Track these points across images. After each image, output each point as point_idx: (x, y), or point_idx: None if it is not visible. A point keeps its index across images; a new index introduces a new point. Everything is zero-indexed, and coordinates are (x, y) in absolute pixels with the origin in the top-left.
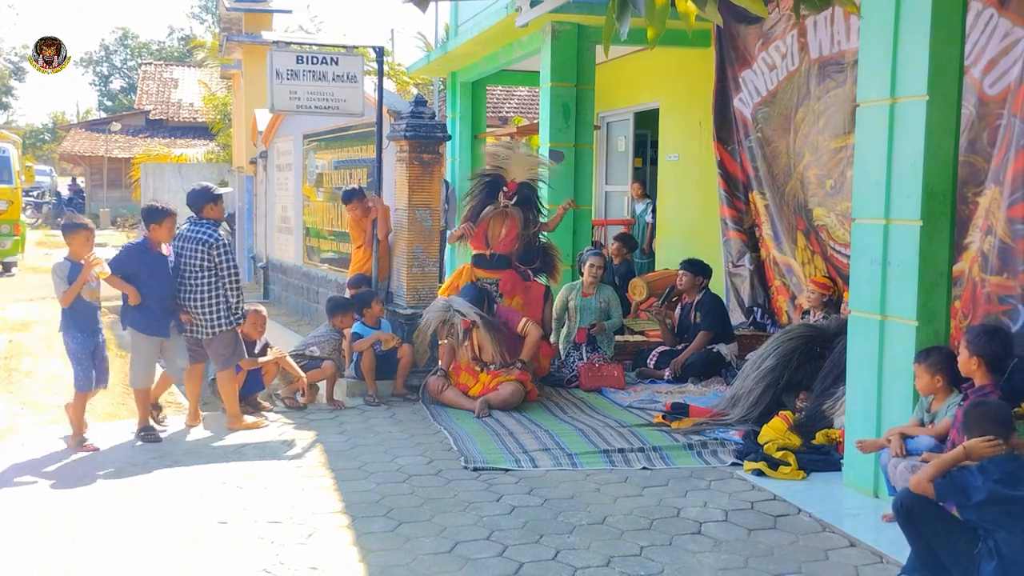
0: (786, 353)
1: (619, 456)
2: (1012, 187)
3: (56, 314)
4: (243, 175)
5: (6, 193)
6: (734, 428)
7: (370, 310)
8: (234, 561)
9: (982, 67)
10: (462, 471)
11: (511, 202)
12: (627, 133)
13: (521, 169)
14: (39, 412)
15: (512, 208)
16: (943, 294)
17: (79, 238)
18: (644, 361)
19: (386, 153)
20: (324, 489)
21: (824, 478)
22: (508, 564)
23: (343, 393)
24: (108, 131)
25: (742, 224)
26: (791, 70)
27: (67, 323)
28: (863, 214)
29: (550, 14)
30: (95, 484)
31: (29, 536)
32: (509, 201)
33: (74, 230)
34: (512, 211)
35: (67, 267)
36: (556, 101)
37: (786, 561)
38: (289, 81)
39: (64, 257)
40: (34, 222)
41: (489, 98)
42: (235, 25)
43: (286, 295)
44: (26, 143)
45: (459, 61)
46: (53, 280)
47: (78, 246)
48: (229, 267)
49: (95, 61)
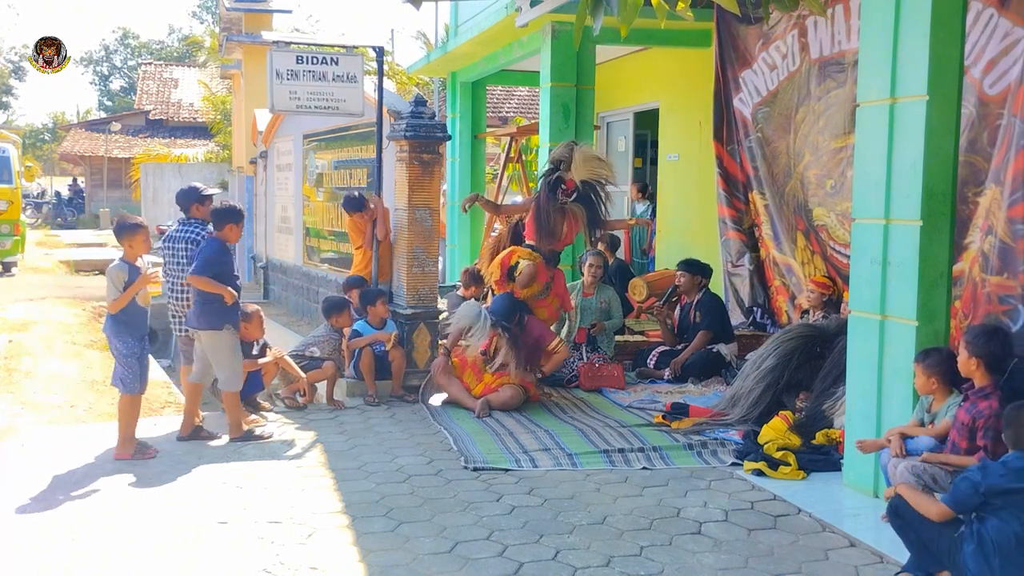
0: (786, 353)
1: (619, 456)
2: (1012, 187)
3: (56, 314)
4: (243, 175)
5: (6, 193)
6: (734, 428)
7: (374, 309)
8: (234, 561)
9: (982, 67)
10: (462, 471)
11: (570, 199)
12: (627, 133)
13: (581, 168)
14: (39, 412)
15: (572, 204)
16: (943, 294)
17: (138, 239)
18: (644, 361)
19: (386, 153)
20: (324, 489)
21: (824, 478)
22: (508, 564)
23: (343, 393)
24: (108, 131)
25: (742, 224)
26: (792, 70)
27: (118, 327)
28: (863, 214)
29: (550, 14)
30: (95, 484)
31: (29, 536)
32: (567, 199)
33: (133, 231)
34: (573, 208)
35: (126, 272)
36: (556, 101)
37: (786, 561)
38: (289, 81)
39: (120, 259)
40: (34, 222)
41: (489, 98)
42: (235, 25)
43: (286, 295)
44: (26, 143)
45: (459, 61)
46: (108, 283)
47: (138, 247)
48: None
49: (95, 61)
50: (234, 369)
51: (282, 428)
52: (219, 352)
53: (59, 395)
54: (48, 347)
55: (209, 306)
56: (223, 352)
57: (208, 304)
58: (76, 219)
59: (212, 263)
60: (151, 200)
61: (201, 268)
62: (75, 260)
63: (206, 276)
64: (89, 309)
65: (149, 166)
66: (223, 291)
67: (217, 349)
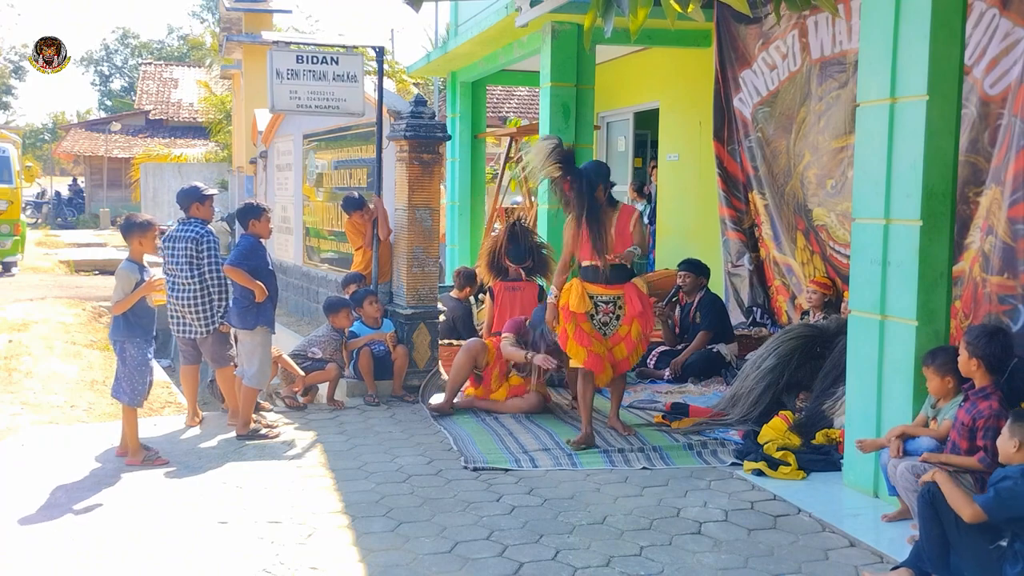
0: (786, 353)
1: (619, 456)
2: (1013, 187)
3: (56, 314)
4: (243, 175)
5: (6, 193)
6: (734, 428)
7: (363, 310)
8: (234, 561)
9: (984, 67)
10: (462, 471)
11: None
12: (627, 133)
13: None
14: (39, 412)
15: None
16: (943, 294)
17: (148, 237)
18: (644, 361)
19: (386, 153)
20: (324, 489)
21: (824, 478)
22: (508, 564)
23: (343, 393)
24: (108, 131)
25: (741, 224)
26: (792, 70)
27: (128, 330)
28: (863, 214)
29: (550, 14)
30: (95, 484)
31: (29, 536)
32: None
33: (143, 229)
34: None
35: (137, 274)
36: (556, 101)
37: (786, 561)
38: (289, 81)
39: (127, 259)
40: (34, 222)
41: (489, 98)
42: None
43: (286, 295)
44: (26, 143)
45: (459, 61)
46: (117, 283)
47: (147, 245)
48: (211, 263)
49: (95, 61)
50: (262, 369)
51: (282, 428)
52: (252, 350)
53: (59, 395)
54: (48, 347)
55: (246, 306)
56: (255, 351)
57: (245, 305)
58: (76, 219)
59: (247, 256)
60: (151, 200)
61: (235, 260)
62: (75, 260)
63: (241, 269)
64: (89, 309)
65: (149, 166)
66: (255, 287)
67: (251, 347)
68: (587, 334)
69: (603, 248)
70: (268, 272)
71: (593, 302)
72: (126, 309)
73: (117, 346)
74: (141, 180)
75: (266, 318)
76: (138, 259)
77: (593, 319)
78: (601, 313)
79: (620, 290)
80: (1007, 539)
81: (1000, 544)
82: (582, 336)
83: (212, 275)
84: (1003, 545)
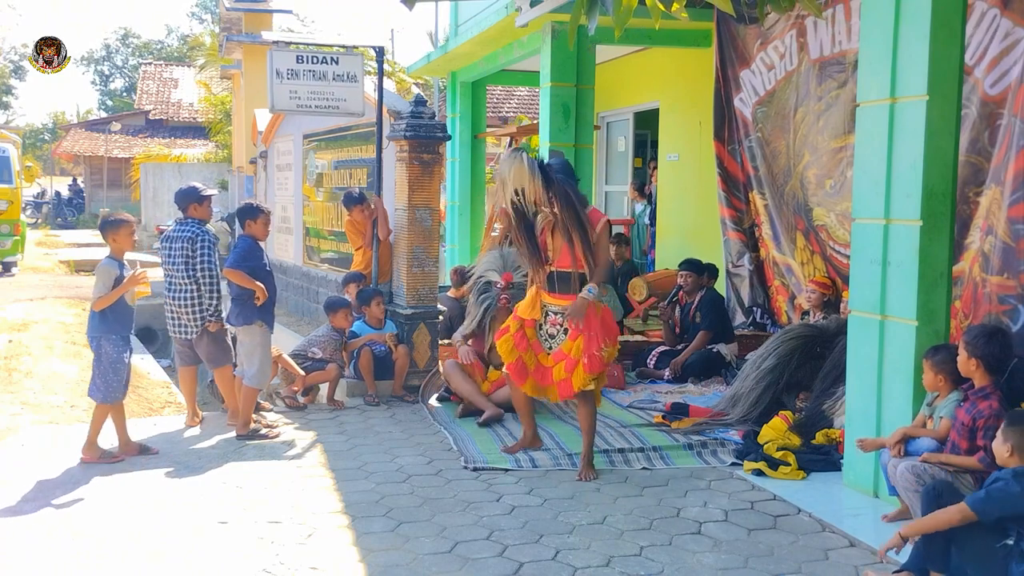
0: (786, 353)
1: (619, 456)
2: (1012, 187)
3: (55, 314)
4: (243, 175)
5: (6, 193)
6: (734, 428)
7: (370, 309)
8: (234, 561)
9: (985, 67)
10: (462, 471)
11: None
12: (627, 133)
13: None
14: (39, 412)
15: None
16: (943, 294)
17: (122, 234)
18: (644, 361)
19: (386, 153)
20: (324, 489)
21: (824, 478)
22: (508, 564)
23: (343, 393)
24: (108, 131)
25: (741, 224)
26: (789, 70)
27: (106, 327)
28: (863, 214)
29: (550, 14)
30: (95, 484)
31: (29, 536)
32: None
33: (117, 226)
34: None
35: (117, 269)
36: (556, 101)
37: (786, 561)
38: (289, 81)
39: (108, 256)
40: (34, 222)
41: (489, 98)
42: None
43: (286, 295)
44: (26, 143)
45: (459, 61)
46: (97, 279)
47: (123, 242)
48: (203, 262)
49: (96, 61)
50: (262, 369)
51: (282, 428)
52: (250, 347)
53: (59, 395)
54: (48, 347)
55: (243, 303)
56: (254, 347)
57: (242, 302)
58: (76, 219)
59: (245, 257)
60: (151, 200)
61: (234, 262)
62: (75, 260)
63: (240, 270)
64: (89, 309)
65: (149, 166)
66: (255, 287)
67: (250, 347)
68: (525, 339)
69: (545, 258)
70: (266, 272)
71: (544, 311)
72: (107, 305)
73: (94, 343)
74: (141, 180)
75: (264, 315)
76: (118, 256)
77: (540, 329)
78: (548, 324)
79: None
80: (1013, 537)
81: (1007, 542)
82: (520, 340)
83: (204, 274)
84: (1010, 543)
